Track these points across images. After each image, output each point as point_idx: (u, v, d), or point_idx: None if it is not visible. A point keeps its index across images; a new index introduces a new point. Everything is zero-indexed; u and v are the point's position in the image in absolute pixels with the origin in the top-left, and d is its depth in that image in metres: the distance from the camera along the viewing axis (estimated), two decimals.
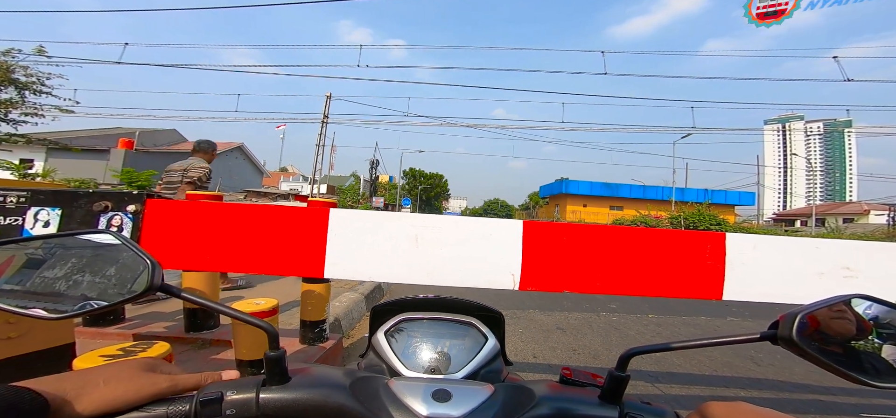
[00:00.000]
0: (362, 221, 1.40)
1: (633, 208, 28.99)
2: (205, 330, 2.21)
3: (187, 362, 1.90)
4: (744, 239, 1.45)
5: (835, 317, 0.38)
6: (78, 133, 20.64)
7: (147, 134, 22.96)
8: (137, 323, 2.33)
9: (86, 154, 16.16)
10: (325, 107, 19.65)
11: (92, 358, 0.98)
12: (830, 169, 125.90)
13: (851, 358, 0.37)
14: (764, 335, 0.37)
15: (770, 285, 1.42)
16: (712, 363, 2.63)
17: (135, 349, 1.11)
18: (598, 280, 1.38)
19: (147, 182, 8.22)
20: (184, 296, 0.43)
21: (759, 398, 2.17)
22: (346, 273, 1.38)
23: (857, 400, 2.11)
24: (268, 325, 0.40)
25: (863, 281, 1.43)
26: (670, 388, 2.20)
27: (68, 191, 1.36)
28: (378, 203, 28.33)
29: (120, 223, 1.28)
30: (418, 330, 0.56)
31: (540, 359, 2.62)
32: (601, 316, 3.83)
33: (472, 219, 1.44)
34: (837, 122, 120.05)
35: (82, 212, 1.28)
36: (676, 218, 19.90)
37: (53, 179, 11.44)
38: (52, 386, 0.33)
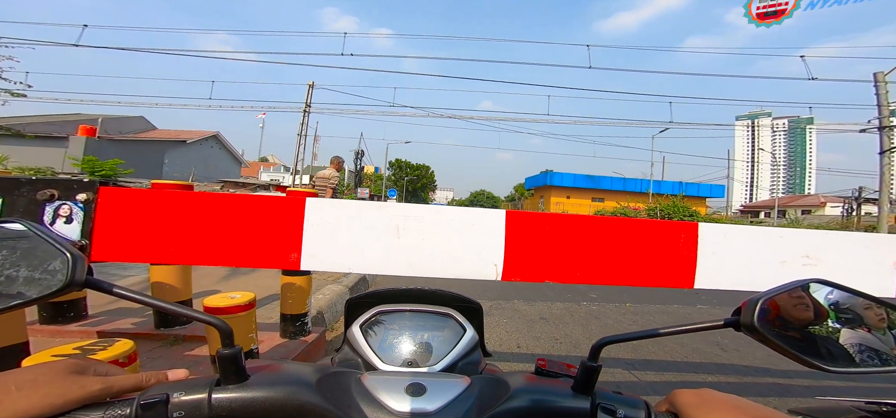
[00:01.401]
0: (342, 211, 1.36)
1: (613, 200, 29.97)
2: (177, 326, 2.11)
3: (158, 360, 1.81)
4: (715, 229, 1.51)
5: (795, 304, 0.39)
6: (31, 119, 19.05)
7: (112, 121, 21.49)
8: (103, 320, 2.20)
9: (41, 141, 14.98)
10: (308, 96, 19.00)
11: (43, 358, 0.91)
12: (793, 163, 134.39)
13: (809, 344, 0.38)
14: (727, 322, 0.38)
15: (737, 273, 1.50)
16: (683, 350, 2.78)
17: (94, 348, 1.04)
18: (578, 270, 1.40)
19: (111, 171, 7.70)
20: (116, 291, 0.38)
21: (725, 383, 2.31)
22: (324, 265, 1.34)
23: (811, 383, 2.28)
24: (219, 321, 0.38)
25: (822, 267, 1.53)
26: (645, 375, 2.30)
27: (8, 178, 1.25)
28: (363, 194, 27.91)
29: (69, 213, 1.18)
30: (396, 323, 0.55)
31: (524, 349, 2.67)
32: (582, 306, 3.95)
33: (455, 208, 1.42)
34: (801, 120, 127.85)
35: (25, 201, 1.17)
36: (653, 209, 20.75)
37: (6, 167, 10.55)
38: None
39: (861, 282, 1.53)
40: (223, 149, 27.26)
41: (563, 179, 36.34)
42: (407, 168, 52.06)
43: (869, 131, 11.83)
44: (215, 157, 25.91)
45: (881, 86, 11.34)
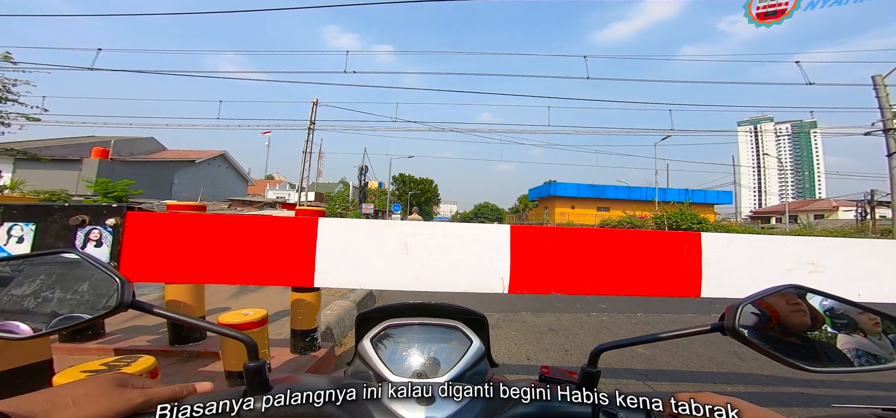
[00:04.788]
0: (351, 230, 1.41)
1: (619, 209, 29.71)
2: (191, 343, 2.15)
3: (173, 376, 1.84)
4: (718, 238, 1.52)
5: (793, 310, 0.42)
6: (47, 142, 19.67)
7: (123, 142, 22.08)
8: (118, 338, 2.25)
9: (56, 164, 15.42)
10: (312, 114, 19.42)
11: (72, 374, 0.96)
12: (800, 168, 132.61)
13: (793, 348, 0.40)
14: (714, 326, 0.41)
15: (744, 282, 1.50)
16: (699, 360, 2.72)
17: (118, 364, 1.09)
18: (583, 281, 1.43)
19: (123, 193, 7.89)
20: (157, 311, 0.43)
21: (745, 393, 2.22)
22: (336, 281, 1.38)
23: (838, 392, 2.19)
24: (245, 337, 0.42)
25: (829, 274, 1.53)
26: (660, 385, 2.26)
27: (42, 205, 1.32)
28: (368, 209, 28.03)
29: (99, 237, 1.25)
30: (404, 336, 0.57)
31: (534, 361, 2.65)
32: (592, 317, 3.91)
33: (461, 224, 1.46)
34: (803, 124, 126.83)
35: (57, 226, 1.24)
36: (660, 218, 20.49)
37: (22, 191, 10.82)
38: (20, 407, 0.32)
39: (872, 289, 1.52)
40: (230, 168, 27.76)
41: (566, 189, 36.22)
42: (410, 182, 52.38)
43: (874, 134, 11.73)
44: (223, 176, 26.37)
45: (881, 89, 11.30)
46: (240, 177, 29.14)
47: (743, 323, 0.39)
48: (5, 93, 10.18)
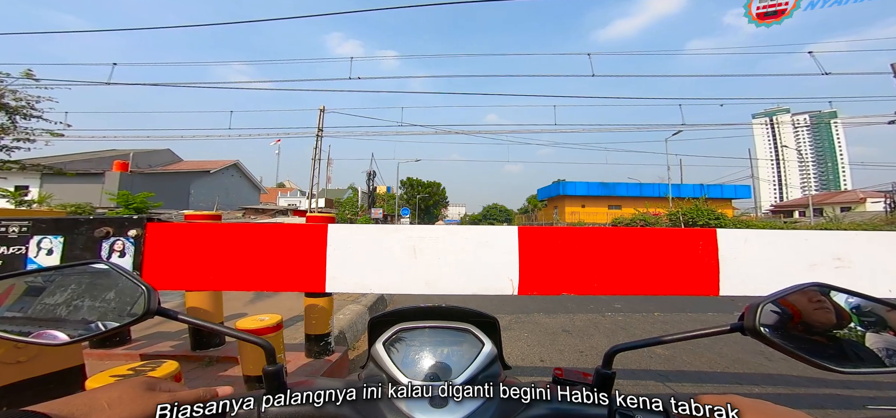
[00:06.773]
0: (361, 235, 1.43)
1: (631, 206, 29.11)
2: (211, 348, 2.21)
3: (195, 380, 1.90)
4: (735, 234, 1.48)
5: (816, 308, 0.40)
6: (71, 157, 20.58)
7: (142, 155, 22.93)
8: (143, 344, 2.33)
9: (80, 178, 16.10)
10: (320, 121, 19.77)
11: (103, 379, 1.00)
12: (822, 159, 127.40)
13: (819, 347, 0.39)
14: (733, 326, 0.40)
15: (764, 279, 1.45)
16: (723, 360, 2.62)
17: (144, 368, 1.13)
18: (593, 280, 1.41)
19: (143, 204, 8.18)
20: (181, 317, 0.45)
21: (775, 395, 2.13)
22: (347, 286, 1.40)
23: (877, 394, 2.05)
24: (264, 341, 0.43)
25: (856, 270, 1.46)
26: (682, 386, 2.20)
27: (69, 218, 1.39)
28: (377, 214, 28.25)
29: (122, 248, 1.30)
30: (416, 339, 0.57)
31: (547, 363, 2.62)
32: (607, 317, 3.84)
33: (469, 227, 1.47)
34: (822, 114, 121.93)
35: (84, 238, 1.30)
36: (675, 214, 19.95)
37: (50, 205, 11.32)
38: (60, 409, 0.34)
39: None
40: (243, 177, 28.47)
41: (576, 188, 35.72)
42: (418, 186, 52.60)
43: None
44: (236, 185, 27.06)
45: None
46: (252, 186, 29.84)
47: (764, 322, 0.38)
48: (30, 110, 10.65)
